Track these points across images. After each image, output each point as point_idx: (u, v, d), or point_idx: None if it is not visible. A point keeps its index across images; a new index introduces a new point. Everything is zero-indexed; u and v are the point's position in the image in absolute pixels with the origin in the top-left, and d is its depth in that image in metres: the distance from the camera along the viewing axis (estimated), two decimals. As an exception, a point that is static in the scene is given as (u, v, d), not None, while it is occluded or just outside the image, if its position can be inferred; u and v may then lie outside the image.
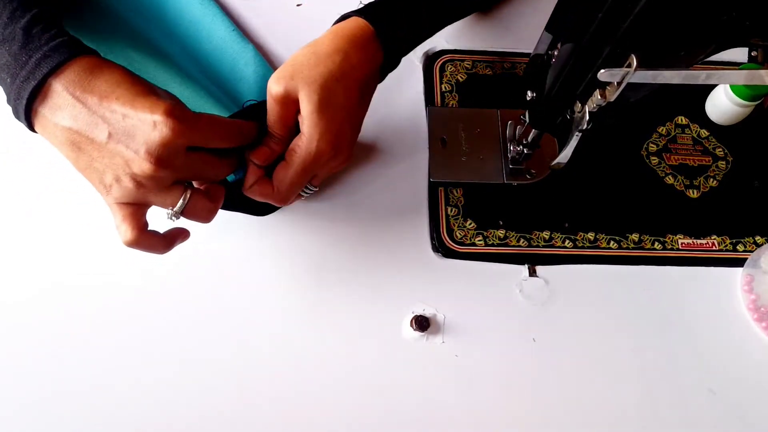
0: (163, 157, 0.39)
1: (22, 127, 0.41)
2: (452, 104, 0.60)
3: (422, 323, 0.50)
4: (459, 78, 0.62)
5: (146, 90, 0.40)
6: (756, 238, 0.57)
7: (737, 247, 0.57)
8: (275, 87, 0.44)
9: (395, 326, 0.51)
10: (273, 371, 0.49)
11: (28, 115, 0.40)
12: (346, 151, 0.47)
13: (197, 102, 0.54)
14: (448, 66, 0.62)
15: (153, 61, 0.54)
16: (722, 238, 0.57)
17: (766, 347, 0.53)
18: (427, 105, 0.60)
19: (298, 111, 0.45)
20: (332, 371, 0.49)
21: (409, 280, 0.53)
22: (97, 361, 0.48)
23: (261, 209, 0.52)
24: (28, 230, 0.52)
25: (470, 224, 0.55)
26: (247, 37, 0.58)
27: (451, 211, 0.56)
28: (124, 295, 0.50)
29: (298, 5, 0.63)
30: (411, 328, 0.50)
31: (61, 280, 0.50)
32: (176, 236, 0.45)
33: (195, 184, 0.46)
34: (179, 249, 0.51)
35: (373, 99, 0.59)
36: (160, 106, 0.39)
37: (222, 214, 0.46)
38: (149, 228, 0.43)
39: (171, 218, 0.42)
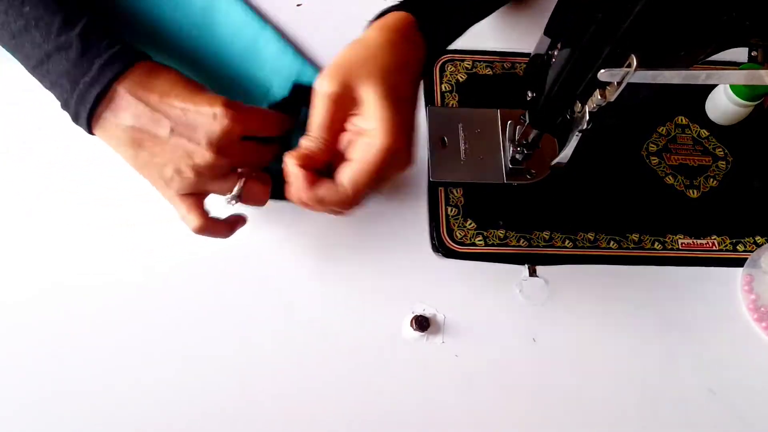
0: (223, 146, 0.42)
1: (22, 127, 0.41)
2: (452, 104, 0.60)
3: (422, 323, 0.50)
4: (459, 78, 0.62)
5: (201, 87, 0.43)
6: (756, 238, 0.57)
7: (737, 247, 0.57)
8: (327, 84, 0.41)
9: (395, 326, 0.51)
10: (274, 370, 0.49)
11: (89, 119, 0.42)
12: (412, 148, 0.43)
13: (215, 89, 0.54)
14: (448, 66, 0.62)
15: (170, 52, 0.55)
16: (722, 238, 0.57)
17: (766, 347, 0.53)
18: (427, 105, 0.60)
19: (351, 112, 0.43)
20: (332, 371, 0.49)
21: (409, 280, 0.53)
22: (98, 361, 0.48)
23: None
24: (28, 230, 0.52)
25: (470, 224, 0.55)
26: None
27: (451, 211, 0.56)
28: (125, 294, 0.50)
29: (298, 5, 0.63)
30: (411, 328, 0.50)
31: (61, 280, 0.50)
32: (236, 221, 0.48)
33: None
34: (181, 246, 0.51)
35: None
36: (217, 100, 0.42)
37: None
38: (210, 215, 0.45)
39: (230, 202, 0.45)
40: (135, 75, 0.42)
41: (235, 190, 0.44)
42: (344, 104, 0.42)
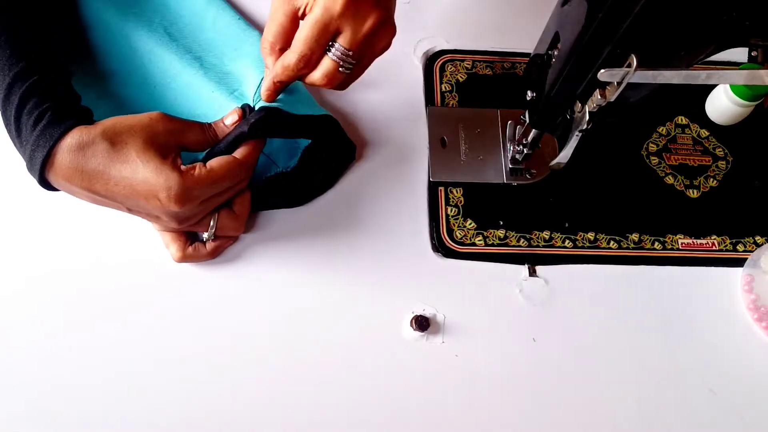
0: (181, 216, 0.44)
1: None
2: (452, 104, 0.60)
3: (422, 323, 0.50)
4: (459, 78, 0.62)
5: (136, 160, 0.42)
6: (756, 238, 0.57)
7: (737, 247, 0.57)
8: (320, 10, 0.42)
9: (395, 326, 0.51)
10: (273, 370, 0.49)
11: (50, 188, 0.43)
12: (376, 11, 0.43)
13: (200, 92, 0.54)
14: (448, 66, 0.62)
15: (157, 53, 0.55)
16: (722, 238, 0.57)
17: (766, 347, 0.53)
18: (427, 105, 0.60)
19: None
20: (332, 371, 0.49)
21: (409, 280, 0.53)
22: (96, 361, 0.48)
23: (296, 200, 0.54)
24: (27, 230, 0.52)
25: (470, 224, 0.55)
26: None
27: (451, 211, 0.56)
28: (124, 292, 0.50)
29: (298, 5, 0.63)
30: (411, 328, 0.50)
31: (60, 279, 0.50)
32: (219, 246, 0.50)
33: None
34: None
35: (373, 99, 0.59)
36: (160, 186, 0.41)
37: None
38: (194, 243, 0.49)
39: (207, 241, 0.49)
40: (64, 157, 0.41)
41: (209, 231, 0.48)
42: (330, 30, 0.43)
